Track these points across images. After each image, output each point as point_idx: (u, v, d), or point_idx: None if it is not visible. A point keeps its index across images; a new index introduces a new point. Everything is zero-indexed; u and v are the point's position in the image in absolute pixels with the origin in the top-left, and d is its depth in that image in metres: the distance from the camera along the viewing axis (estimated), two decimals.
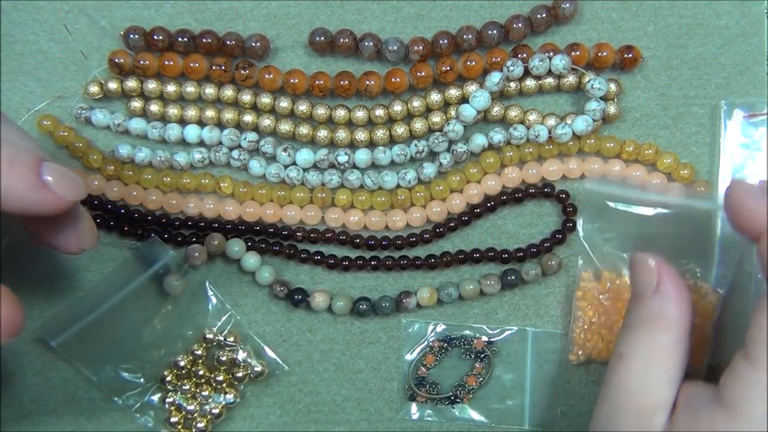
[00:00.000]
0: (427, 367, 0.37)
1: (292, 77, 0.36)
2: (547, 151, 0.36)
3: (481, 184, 0.37)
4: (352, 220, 0.37)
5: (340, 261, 0.37)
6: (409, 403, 0.37)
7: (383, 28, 0.37)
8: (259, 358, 0.37)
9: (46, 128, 0.37)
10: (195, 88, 0.36)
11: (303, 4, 0.37)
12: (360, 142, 0.36)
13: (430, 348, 0.37)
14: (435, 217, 0.37)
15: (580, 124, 0.35)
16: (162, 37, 0.36)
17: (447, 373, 0.38)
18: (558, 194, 0.37)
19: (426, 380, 0.37)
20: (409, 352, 0.37)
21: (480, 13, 0.37)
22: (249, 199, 0.37)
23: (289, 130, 0.36)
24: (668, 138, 0.37)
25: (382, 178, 0.36)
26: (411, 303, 0.37)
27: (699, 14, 0.37)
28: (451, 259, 0.37)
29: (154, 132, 0.37)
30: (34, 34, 0.37)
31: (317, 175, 0.37)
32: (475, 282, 0.37)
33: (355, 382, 0.38)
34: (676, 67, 0.37)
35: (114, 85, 0.36)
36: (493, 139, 0.36)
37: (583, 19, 0.37)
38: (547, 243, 0.37)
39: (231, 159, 0.37)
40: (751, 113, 0.37)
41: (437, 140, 0.36)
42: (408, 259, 0.37)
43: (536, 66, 0.35)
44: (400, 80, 0.36)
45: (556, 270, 0.37)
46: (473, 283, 0.37)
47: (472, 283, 0.37)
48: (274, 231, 0.37)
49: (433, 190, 0.37)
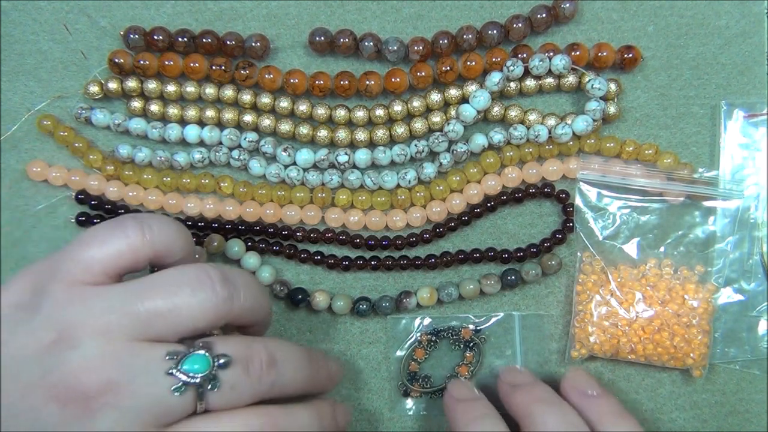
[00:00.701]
0: (417, 361, 0.37)
1: (292, 77, 0.36)
2: (547, 151, 0.36)
3: (481, 184, 0.37)
4: (352, 220, 0.37)
5: (340, 261, 0.37)
6: (403, 399, 0.38)
7: (383, 28, 0.37)
8: None
9: (46, 128, 0.37)
10: (195, 88, 0.36)
11: (303, 4, 0.37)
12: (360, 142, 0.36)
13: (418, 342, 0.37)
14: (435, 217, 0.37)
15: (580, 124, 0.35)
16: (162, 37, 0.36)
17: (438, 366, 0.38)
18: (558, 194, 0.37)
19: (418, 375, 0.37)
20: (398, 348, 0.37)
21: (480, 13, 0.37)
22: (249, 199, 0.37)
23: (289, 130, 0.36)
24: (668, 138, 0.37)
25: (382, 178, 0.36)
26: (411, 303, 0.37)
27: (699, 14, 0.37)
28: (451, 259, 0.37)
29: (154, 132, 0.37)
30: (34, 34, 0.37)
31: (317, 175, 0.37)
32: (475, 282, 0.37)
33: (355, 382, 0.38)
34: (676, 67, 0.37)
35: (114, 85, 0.36)
36: (493, 139, 0.36)
37: (583, 19, 0.37)
38: (548, 243, 0.37)
39: (231, 159, 0.37)
40: (751, 113, 0.37)
41: (437, 140, 0.36)
42: (408, 259, 0.37)
43: (536, 66, 0.35)
44: (400, 80, 0.36)
45: (557, 270, 0.37)
46: (473, 283, 0.37)
47: (472, 283, 0.37)
48: (274, 231, 0.37)
49: (433, 190, 0.37)
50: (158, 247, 0.28)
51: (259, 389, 0.27)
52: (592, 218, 0.37)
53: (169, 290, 0.27)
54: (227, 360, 0.27)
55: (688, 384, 0.37)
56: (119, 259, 0.27)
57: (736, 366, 0.37)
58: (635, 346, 0.36)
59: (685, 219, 0.36)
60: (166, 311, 0.26)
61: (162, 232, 0.28)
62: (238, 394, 0.27)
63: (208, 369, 0.26)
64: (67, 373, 0.25)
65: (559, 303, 0.37)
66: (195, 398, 0.26)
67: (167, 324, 0.26)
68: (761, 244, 0.36)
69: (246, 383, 0.27)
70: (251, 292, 0.29)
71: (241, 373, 0.27)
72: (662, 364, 0.36)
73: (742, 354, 0.36)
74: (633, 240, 0.36)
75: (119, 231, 0.27)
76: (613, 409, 0.32)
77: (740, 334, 0.36)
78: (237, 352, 0.27)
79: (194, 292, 0.27)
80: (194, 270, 0.27)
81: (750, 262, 0.36)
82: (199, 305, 0.27)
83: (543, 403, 0.32)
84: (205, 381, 0.26)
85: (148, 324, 0.26)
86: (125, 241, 0.27)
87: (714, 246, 0.36)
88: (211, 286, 0.27)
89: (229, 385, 0.26)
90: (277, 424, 0.28)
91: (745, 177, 0.36)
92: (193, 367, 0.26)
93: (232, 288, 0.28)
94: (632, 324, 0.36)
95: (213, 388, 0.26)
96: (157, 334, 0.26)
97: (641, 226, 0.36)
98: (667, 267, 0.36)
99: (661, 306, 0.36)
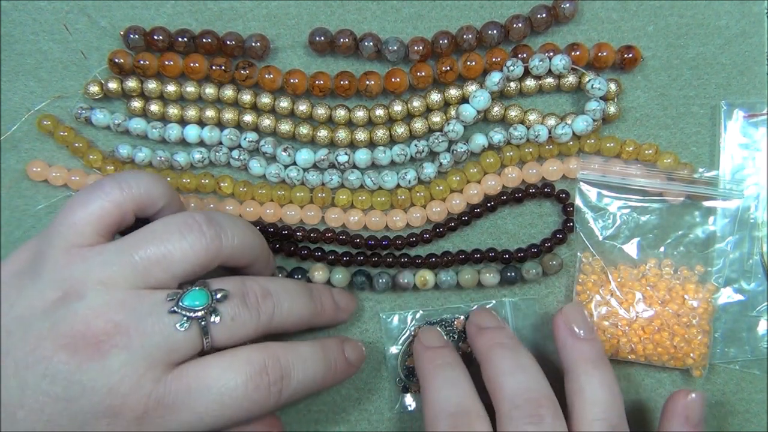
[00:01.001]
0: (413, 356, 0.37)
1: (292, 77, 0.36)
2: (547, 151, 0.36)
3: (481, 184, 0.37)
4: (352, 220, 0.37)
5: (341, 257, 0.37)
6: (403, 395, 0.38)
7: (383, 28, 0.37)
8: None
9: (46, 128, 0.37)
10: (195, 88, 0.36)
11: (303, 4, 0.37)
12: (360, 142, 0.36)
13: (413, 337, 0.37)
14: (435, 217, 0.37)
15: (580, 124, 0.35)
16: (162, 37, 0.36)
17: None
18: (558, 194, 0.37)
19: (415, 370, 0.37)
20: (393, 345, 0.37)
21: (480, 13, 0.37)
22: (249, 198, 0.37)
23: (289, 130, 0.36)
24: (668, 138, 0.37)
25: (382, 178, 0.36)
26: (407, 279, 0.36)
27: (699, 14, 0.37)
28: (451, 258, 0.37)
29: (154, 132, 0.37)
30: (34, 34, 0.37)
31: (317, 175, 0.37)
32: (474, 272, 0.37)
33: (355, 382, 0.38)
34: (676, 67, 0.37)
35: (114, 85, 0.36)
36: (493, 139, 0.36)
37: (583, 19, 0.37)
38: (548, 243, 0.37)
39: (231, 159, 0.37)
40: (751, 113, 0.37)
41: (437, 140, 0.36)
42: (409, 257, 0.37)
43: (536, 66, 0.35)
44: (400, 80, 0.36)
45: (557, 270, 0.37)
46: (472, 273, 0.37)
47: (470, 273, 0.37)
48: (274, 231, 0.37)
49: (433, 190, 0.37)
50: (139, 199, 0.30)
51: (260, 320, 0.30)
52: (592, 218, 0.37)
53: (160, 238, 0.28)
54: (225, 293, 0.29)
55: (688, 384, 0.37)
56: (106, 217, 0.29)
57: (736, 366, 0.37)
58: (635, 346, 0.36)
59: (685, 219, 0.36)
60: (160, 257, 0.28)
61: (140, 184, 0.30)
62: (239, 325, 0.29)
63: (208, 302, 0.28)
64: (75, 322, 0.26)
65: (559, 303, 0.37)
66: (200, 334, 0.28)
67: (163, 269, 0.28)
68: (761, 244, 0.36)
69: (245, 314, 0.29)
70: (238, 230, 0.30)
71: (239, 304, 0.29)
72: (662, 364, 0.36)
73: (742, 354, 0.36)
74: (633, 240, 0.37)
75: (98, 191, 0.29)
76: (590, 356, 0.32)
77: (740, 334, 0.36)
78: (233, 287, 0.29)
79: (183, 236, 0.29)
80: (180, 216, 0.29)
81: (750, 262, 0.36)
82: (190, 247, 0.28)
83: (502, 348, 0.32)
84: (206, 314, 0.28)
85: (146, 272, 0.28)
86: (106, 198, 0.29)
87: (714, 246, 0.36)
88: (198, 227, 0.29)
89: (229, 317, 0.29)
90: (279, 357, 0.29)
91: (745, 177, 0.36)
92: (193, 302, 0.28)
93: (218, 227, 0.29)
94: (632, 324, 0.36)
95: (215, 321, 0.28)
96: (156, 280, 0.28)
97: (641, 226, 0.36)
98: (667, 267, 0.36)
99: (661, 306, 0.36)
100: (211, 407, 0.28)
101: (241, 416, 0.29)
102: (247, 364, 0.28)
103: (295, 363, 0.30)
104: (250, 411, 0.29)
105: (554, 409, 0.30)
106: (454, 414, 0.31)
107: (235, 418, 0.29)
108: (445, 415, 0.31)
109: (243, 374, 0.28)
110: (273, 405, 0.29)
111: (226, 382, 0.28)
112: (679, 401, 0.33)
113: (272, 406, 0.29)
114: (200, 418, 0.28)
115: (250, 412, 0.29)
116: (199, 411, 0.28)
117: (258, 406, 0.29)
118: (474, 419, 0.30)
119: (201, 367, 0.28)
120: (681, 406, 0.33)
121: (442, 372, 0.33)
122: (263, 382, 0.29)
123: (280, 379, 0.29)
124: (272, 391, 0.29)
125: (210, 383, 0.28)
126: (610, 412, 0.31)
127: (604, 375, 0.32)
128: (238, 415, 0.28)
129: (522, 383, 0.31)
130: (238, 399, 0.28)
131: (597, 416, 0.30)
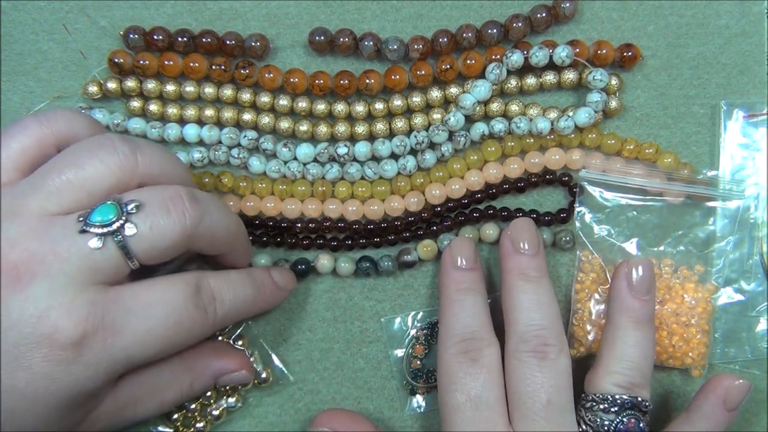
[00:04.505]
0: (418, 358, 0.37)
1: (292, 76, 0.36)
2: (548, 141, 0.36)
3: (483, 172, 0.36)
4: (350, 211, 0.37)
5: (343, 241, 0.37)
6: (412, 398, 0.37)
7: (383, 28, 0.37)
8: (265, 365, 0.37)
9: None
10: (194, 88, 0.36)
11: (303, 4, 0.37)
12: (360, 134, 0.36)
13: (416, 339, 0.37)
14: (434, 200, 0.37)
15: (582, 116, 0.35)
16: (162, 37, 0.36)
17: None
18: (560, 177, 0.36)
19: (421, 371, 0.37)
20: (398, 348, 0.37)
21: (480, 12, 0.37)
22: (249, 193, 0.37)
23: (289, 127, 0.36)
24: (668, 137, 0.37)
25: (382, 167, 0.36)
26: (412, 257, 0.36)
27: (699, 14, 0.37)
28: (452, 223, 0.37)
29: (153, 132, 0.37)
30: (34, 34, 0.37)
31: (318, 168, 0.37)
32: (475, 231, 0.37)
33: (355, 381, 0.38)
34: (676, 67, 0.37)
35: (113, 85, 0.36)
36: (495, 128, 0.36)
37: (583, 19, 0.37)
38: (563, 213, 0.37)
39: (230, 157, 0.37)
40: (751, 113, 0.37)
41: (437, 129, 0.36)
42: (410, 231, 0.37)
43: (535, 54, 0.35)
44: (399, 77, 0.35)
45: (569, 247, 0.37)
46: (472, 231, 0.37)
47: (471, 232, 0.37)
48: (274, 224, 0.37)
49: (433, 177, 0.37)
50: (61, 134, 0.29)
51: (186, 224, 0.28)
52: (592, 217, 0.37)
53: (71, 158, 0.28)
54: (137, 203, 0.27)
55: (688, 384, 0.37)
56: (26, 152, 0.29)
57: (736, 366, 0.37)
58: None
59: (685, 219, 0.36)
60: (72, 177, 0.27)
61: (60, 119, 0.30)
62: (159, 233, 0.27)
63: (116, 214, 0.27)
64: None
65: (558, 302, 0.37)
66: (119, 251, 0.27)
67: (76, 189, 0.27)
68: (761, 244, 0.36)
69: (165, 221, 0.27)
70: (157, 152, 0.30)
71: (158, 212, 0.27)
72: (661, 363, 0.36)
73: (741, 354, 0.36)
74: (633, 239, 0.36)
75: (19, 127, 0.29)
76: (638, 316, 0.33)
77: (740, 334, 0.36)
78: (150, 196, 0.28)
79: (94, 153, 0.28)
80: (95, 138, 0.29)
81: (750, 262, 0.36)
82: (102, 163, 0.28)
83: (526, 281, 0.33)
84: (119, 227, 0.26)
85: (59, 194, 0.27)
86: (25, 133, 0.29)
87: (714, 246, 0.36)
88: (111, 144, 0.28)
89: (147, 226, 0.27)
90: (209, 279, 0.30)
91: (745, 177, 0.36)
92: (102, 217, 0.27)
93: (134, 145, 0.29)
94: None
95: (130, 233, 0.27)
96: (73, 202, 0.27)
97: (641, 226, 0.36)
98: (667, 266, 0.36)
99: (660, 305, 0.36)
100: (154, 327, 0.27)
101: (184, 338, 0.29)
102: (185, 284, 0.29)
103: (227, 285, 0.31)
104: (191, 332, 0.29)
105: (560, 347, 0.32)
106: (468, 340, 0.33)
107: (179, 341, 0.29)
108: (458, 339, 0.33)
109: (182, 292, 0.28)
110: (211, 325, 0.30)
111: (168, 298, 0.28)
112: (721, 382, 0.33)
113: (210, 326, 0.30)
114: (143, 340, 0.27)
115: (191, 333, 0.29)
116: (141, 331, 0.27)
117: (198, 326, 0.29)
118: (485, 346, 0.32)
119: (141, 288, 0.28)
120: (722, 388, 0.33)
121: (465, 298, 0.34)
122: (201, 302, 0.29)
123: (213, 299, 0.30)
124: (209, 310, 0.29)
125: (152, 300, 0.28)
126: (634, 372, 0.32)
127: (644, 335, 0.33)
128: (181, 337, 0.28)
129: (536, 321, 0.32)
130: (181, 317, 0.28)
131: (620, 370, 0.32)
